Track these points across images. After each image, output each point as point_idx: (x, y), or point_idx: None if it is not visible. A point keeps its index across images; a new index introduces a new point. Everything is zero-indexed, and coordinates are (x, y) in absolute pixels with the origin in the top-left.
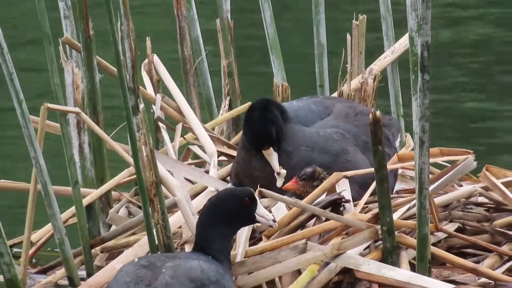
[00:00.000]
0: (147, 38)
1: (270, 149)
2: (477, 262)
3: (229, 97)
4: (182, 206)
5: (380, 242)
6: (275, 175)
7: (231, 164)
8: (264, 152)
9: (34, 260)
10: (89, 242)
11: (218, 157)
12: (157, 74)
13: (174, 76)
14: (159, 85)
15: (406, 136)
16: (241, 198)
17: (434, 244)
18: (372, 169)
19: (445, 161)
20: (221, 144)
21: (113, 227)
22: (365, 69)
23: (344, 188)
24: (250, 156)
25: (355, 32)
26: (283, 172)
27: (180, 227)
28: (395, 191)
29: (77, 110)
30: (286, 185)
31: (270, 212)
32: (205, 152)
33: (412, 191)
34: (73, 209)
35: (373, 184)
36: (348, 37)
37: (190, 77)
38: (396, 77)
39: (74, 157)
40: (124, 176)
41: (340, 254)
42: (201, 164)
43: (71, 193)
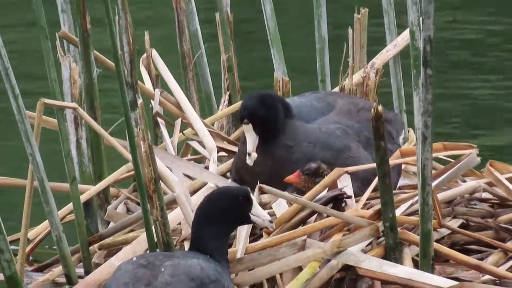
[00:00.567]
0: (146, 32)
1: (250, 125)
2: (481, 259)
3: (228, 92)
4: (181, 202)
5: (383, 239)
6: (248, 161)
7: (231, 160)
8: (243, 126)
9: (31, 257)
10: (87, 239)
11: (217, 152)
12: (156, 68)
13: (173, 70)
14: (158, 80)
15: (408, 131)
16: (236, 197)
17: (437, 241)
18: (374, 165)
19: (448, 156)
20: (221, 139)
21: (111, 224)
22: (367, 63)
23: (345, 184)
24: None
25: (357, 25)
26: (254, 155)
27: (180, 223)
28: (398, 186)
29: (75, 105)
30: (288, 177)
31: (271, 208)
32: (204, 147)
33: (415, 187)
34: (70, 205)
35: (375, 180)
36: (350, 30)
37: (189, 72)
38: (398, 71)
39: (71, 153)
40: (122, 172)
41: (340, 251)
42: (201, 159)
43: (69, 189)
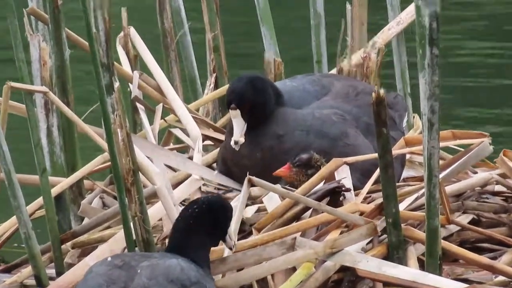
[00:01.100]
0: (123, 8)
1: (238, 111)
2: (494, 258)
3: (215, 74)
4: (162, 195)
5: (385, 236)
6: (232, 141)
7: (218, 149)
8: (230, 112)
9: None
10: (58, 237)
11: (203, 141)
12: (134, 48)
13: (153, 51)
14: (137, 61)
15: (414, 117)
16: (231, 210)
17: (445, 238)
18: (375, 154)
19: (458, 145)
20: (207, 126)
21: (86, 220)
22: (367, 42)
23: (344, 176)
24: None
25: (355, 0)
26: (241, 140)
27: (161, 219)
28: (401, 178)
29: (45, 89)
30: (278, 171)
31: (261, 202)
32: (188, 135)
33: (420, 179)
34: (40, 200)
35: (377, 171)
36: (348, 6)
37: (171, 52)
38: (402, 51)
39: (41, 142)
40: (97, 163)
41: (334, 252)
42: (184, 149)
43: (38, 182)
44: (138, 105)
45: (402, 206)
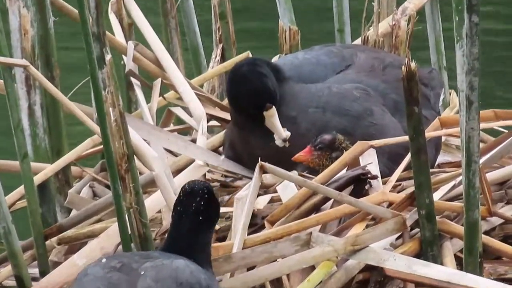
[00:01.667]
0: None
1: (273, 108)
2: None
3: (221, 45)
4: (161, 183)
5: (417, 231)
6: (279, 142)
7: (224, 131)
8: (266, 114)
9: None
10: (42, 231)
11: (207, 121)
12: (129, 16)
13: (150, 18)
14: (131, 30)
15: (450, 94)
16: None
17: (486, 233)
18: (406, 137)
19: (501, 126)
20: (212, 105)
21: (74, 212)
22: (396, 8)
23: (370, 161)
24: (247, 133)
25: None
26: (288, 134)
27: (160, 211)
28: (436, 164)
29: (25, 62)
30: (297, 155)
31: (275, 191)
32: (191, 115)
33: (458, 165)
34: (21, 189)
35: (408, 156)
36: None
37: (171, 20)
38: (437, 18)
39: (22, 123)
40: (86, 146)
41: (356, 250)
42: (186, 130)
43: (19, 168)
44: (133, 80)
45: (436, 196)
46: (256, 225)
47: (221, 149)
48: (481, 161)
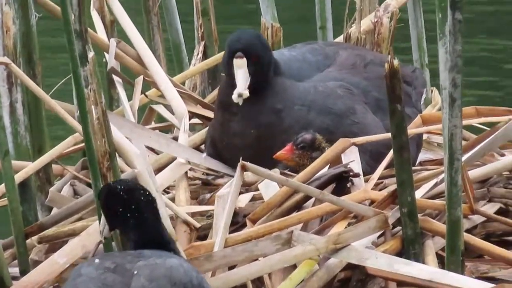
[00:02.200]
0: None
1: (244, 60)
2: None
3: (203, 42)
4: (143, 181)
5: (399, 229)
6: (235, 94)
7: (206, 129)
8: (235, 61)
9: None
10: (23, 230)
11: (189, 119)
12: (111, 13)
13: (132, 15)
14: (113, 27)
15: (432, 91)
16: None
17: (468, 231)
18: (388, 134)
19: (482, 124)
20: (194, 102)
21: (54, 211)
22: (379, 5)
23: (352, 159)
24: (229, 116)
25: None
26: (246, 94)
27: None
28: (418, 162)
29: (7, 60)
30: (279, 153)
31: (257, 189)
32: (173, 113)
33: (440, 162)
34: (2, 187)
35: (390, 154)
36: None
37: (153, 17)
38: (419, 15)
39: (3, 121)
40: (68, 144)
41: (338, 248)
42: (168, 128)
43: (0, 166)
44: (115, 77)
45: (418, 194)
46: (237, 223)
47: (202, 147)
48: (463, 158)
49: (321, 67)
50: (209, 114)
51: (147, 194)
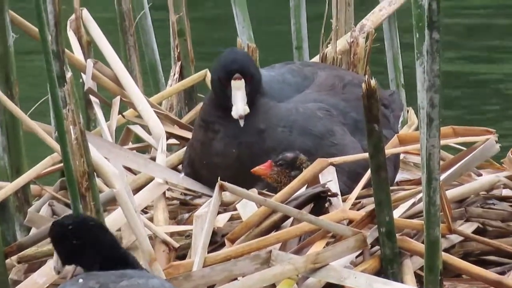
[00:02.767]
0: None
1: (242, 81)
2: (502, 273)
3: (179, 63)
4: (123, 201)
5: (377, 248)
6: (234, 113)
7: (184, 149)
8: (233, 83)
9: None
10: (2, 250)
11: (167, 139)
12: (87, 33)
13: (109, 36)
14: (90, 48)
15: (408, 111)
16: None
17: (446, 250)
18: (365, 155)
19: (459, 144)
20: (171, 123)
21: (33, 231)
22: (355, 25)
23: (329, 179)
24: (211, 134)
25: None
26: (247, 110)
27: (120, 229)
28: (395, 182)
29: None
30: (257, 168)
31: (235, 209)
32: (150, 133)
33: (417, 182)
34: None
35: (367, 174)
36: None
37: (129, 37)
38: (394, 35)
39: None
40: (46, 165)
41: (317, 268)
42: (145, 149)
43: None
44: (92, 98)
45: (396, 214)
46: (216, 243)
47: (180, 167)
48: (441, 178)
49: (300, 88)
50: (186, 134)
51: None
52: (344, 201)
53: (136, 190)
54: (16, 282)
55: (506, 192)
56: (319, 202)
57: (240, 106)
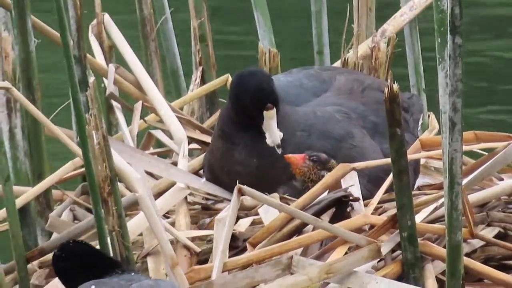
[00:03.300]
0: None
1: (274, 110)
2: None
3: (201, 68)
4: (144, 205)
5: (399, 253)
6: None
7: (204, 155)
8: (266, 113)
9: None
10: (24, 254)
11: (188, 144)
12: (109, 38)
13: (130, 41)
14: (112, 53)
15: (429, 116)
16: None
17: (467, 255)
18: (388, 160)
19: (481, 149)
20: (192, 127)
21: (55, 235)
22: (376, 30)
23: (351, 183)
24: (231, 145)
25: None
26: (281, 135)
27: (141, 234)
28: (416, 187)
29: (7, 85)
30: (290, 156)
31: (257, 214)
32: (171, 138)
33: (439, 187)
34: (3, 212)
35: (389, 178)
36: None
37: (151, 42)
38: (416, 40)
39: (3, 146)
40: (68, 169)
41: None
42: (167, 153)
43: (1, 192)
44: (114, 103)
45: (418, 218)
46: (237, 247)
47: (201, 172)
48: (463, 183)
49: (318, 92)
50: (208, 139)
51: (93, 250)
52: (365, 205)
53: (158, 195)
54: (37, 287)
55: None
56: (340, 207)
57: (276, 135)
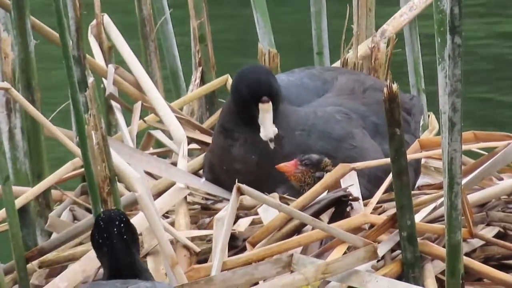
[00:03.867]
0: None
1: (270, 103)
2: None
3: (201, 68)
4: (145, 205)
5: (399, 252)
6: (263, 135)
7: (204, 154)
8: (261, 106)
9: None
10: (23, 254)
11: (188, 144)
12: (109, 39)
13: (130, 41)
14: (111, 53)
15: (429, 116)
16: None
17: (467, 254)
18: (387, 160)
19: (481, 149)
20: (192, 128)
21: (54, 235)
22: (375, 30)
23: (351, 183)
24: (231, 141)
25: None
26: (276, 131)
27: (141, 234)
28: (416, 186)
29: (6, 85)
30: (282, 165)
31: (256, 213)
32: (171, 138)
33: (438, 187)
34: (2, 212)
35: (388, 178)
36: None
37: (150, 43)
38: (415, 40)
39: (3, 147)
40: (67, 170)
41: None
42: (166, 154)
43: (0, 192)
44: (114, 103)
45: (417, 218)
46: (237, 247)
47: (201, 172)
48: (463, 183)
49: (320, 93)
50: (207, 139)
51: (122, 225)
52: (365, 205)
53: (157, 195)
54: (37, 287)
55: None
56: (340, 207)
57: (269, 129)
